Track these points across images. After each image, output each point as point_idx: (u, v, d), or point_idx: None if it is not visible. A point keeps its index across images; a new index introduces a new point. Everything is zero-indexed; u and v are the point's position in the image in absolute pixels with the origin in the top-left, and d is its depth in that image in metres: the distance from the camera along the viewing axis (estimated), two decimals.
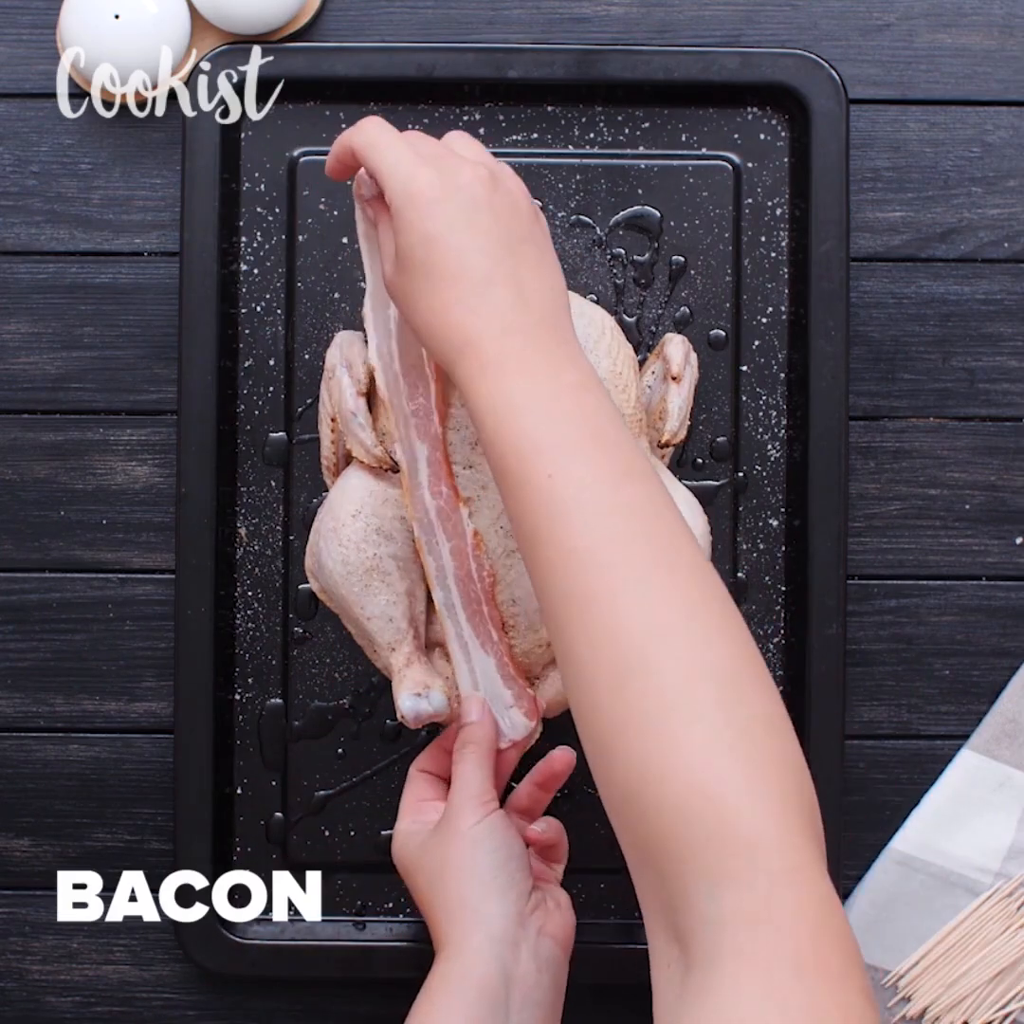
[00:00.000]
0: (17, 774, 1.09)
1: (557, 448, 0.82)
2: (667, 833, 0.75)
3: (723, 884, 0.74)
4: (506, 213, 0.88)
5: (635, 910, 1.07)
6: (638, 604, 0.79)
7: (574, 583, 0.80)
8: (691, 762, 0.76)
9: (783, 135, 1.07)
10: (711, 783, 0.75)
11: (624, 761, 0.77)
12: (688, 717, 0.76)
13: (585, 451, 0.82)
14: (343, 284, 1.07)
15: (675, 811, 0.75)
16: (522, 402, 0.83)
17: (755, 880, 0.73)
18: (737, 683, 0.78)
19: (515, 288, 0.86)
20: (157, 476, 1.09)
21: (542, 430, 0.83)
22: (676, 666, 0.78)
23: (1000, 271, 1.09)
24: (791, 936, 0.72)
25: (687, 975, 0.74)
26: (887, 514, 1.09)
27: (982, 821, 1.08)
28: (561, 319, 0.88)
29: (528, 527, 0.82)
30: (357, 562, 0.97)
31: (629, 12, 1.09)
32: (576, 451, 0.82)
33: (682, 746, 0.76)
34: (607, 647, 0.78)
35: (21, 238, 1.09)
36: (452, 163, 0.88)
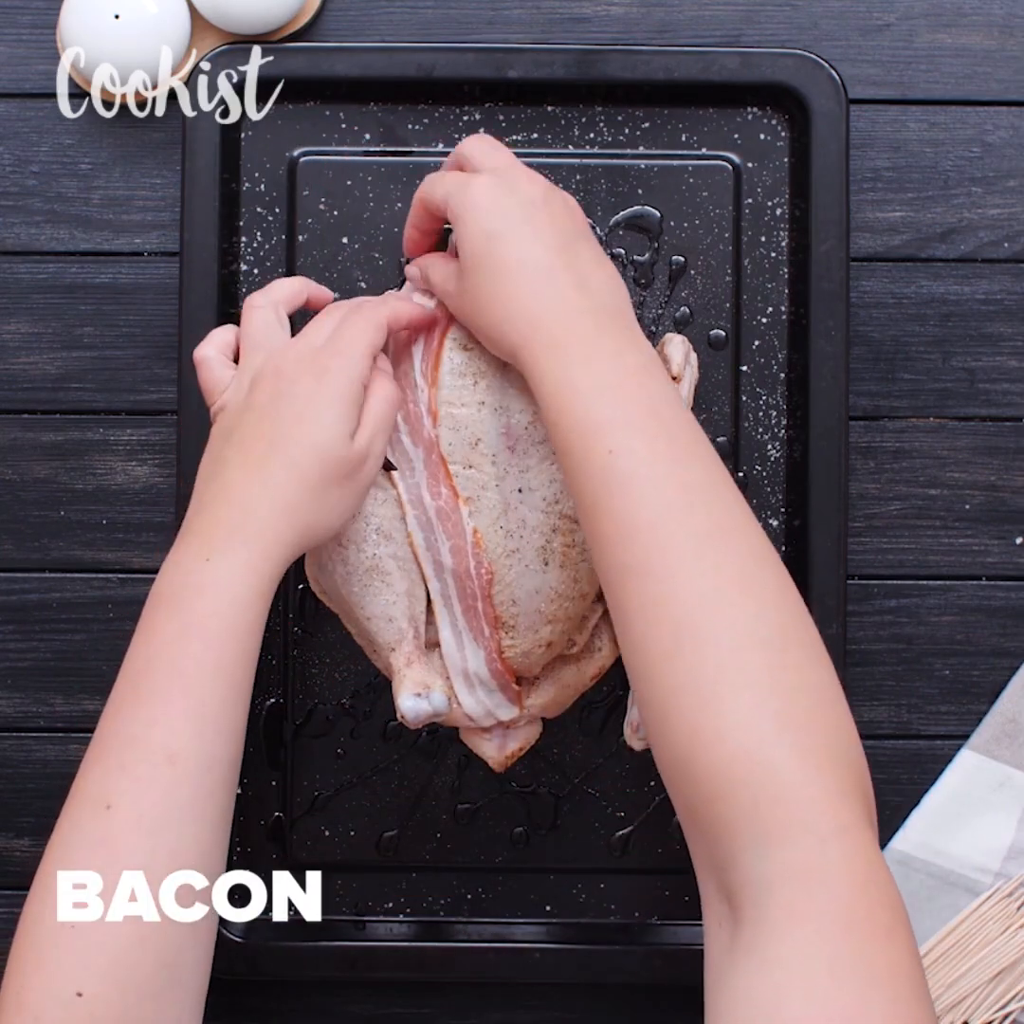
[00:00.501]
0: (17, 774, 1.09)
1: (618, 426, 0.85)
2: (717, 795, 0.77)
3: (772, 843, 0.75)
4: (561, 213, 0.92)
5: (635, 910, 1.07)
6: (693, 575, 0.81)
7: (632, 556, 0.83)
8: (739, 726, 0.78)
9: (783, 135, 1.07)
10: (758, 746, 0.77)
11: (677, 726, 0.80)
12: (737, 684, 0.79)
13: (646, 429, 0.85)
14: (343, 284, 1.07)
15: (724, 774, 0.77)
16: (586, 383, 0.86)
17: (803, 839, 0.75)
18: (786, 651, 0.81)
19: (576, 275, 0.90)
20: (157, 476, 1.09)
21: (604, 409, 0.86)
22: (728, 635, 0.80)
23: (1000, 271, 1.09)
24: (839, 893, 0.74)
25: (737, 932, 0.76)
26: (887, 514, 1.09)
27: (982, 821, 1.08)
28: (622, 306, 0.91)
29: (589, 501, 0.85)
30: (357, 562, 0.97)
31: (629, 12, 1.09)
32: (637, 429, 0.85)
33: (730, 711, 0.78)
34: (662, 617, 0.81)
35: (21, 238, 1.09)
36: (507, 170, 0.93)
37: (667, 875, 1.07)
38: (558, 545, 0.96)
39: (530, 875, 1.07)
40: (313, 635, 1.08)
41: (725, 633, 0.80)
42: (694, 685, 0.79)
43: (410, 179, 1.07)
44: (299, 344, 0.92)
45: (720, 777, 0.77)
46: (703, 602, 0.81)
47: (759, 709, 0.78)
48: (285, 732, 1.08)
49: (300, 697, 1.07)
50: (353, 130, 1.07)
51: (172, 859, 0.83)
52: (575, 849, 1.07)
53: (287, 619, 1.07)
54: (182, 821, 0.83)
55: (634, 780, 1.07)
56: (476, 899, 1.07)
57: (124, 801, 0.83)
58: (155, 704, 0.85)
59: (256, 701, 1.07)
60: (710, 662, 0.80)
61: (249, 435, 0.90)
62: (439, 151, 1.07)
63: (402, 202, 1.07)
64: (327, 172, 1.07)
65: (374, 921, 1.08)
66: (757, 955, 0.74)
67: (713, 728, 0.78)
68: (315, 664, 1.08)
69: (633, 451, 0.84)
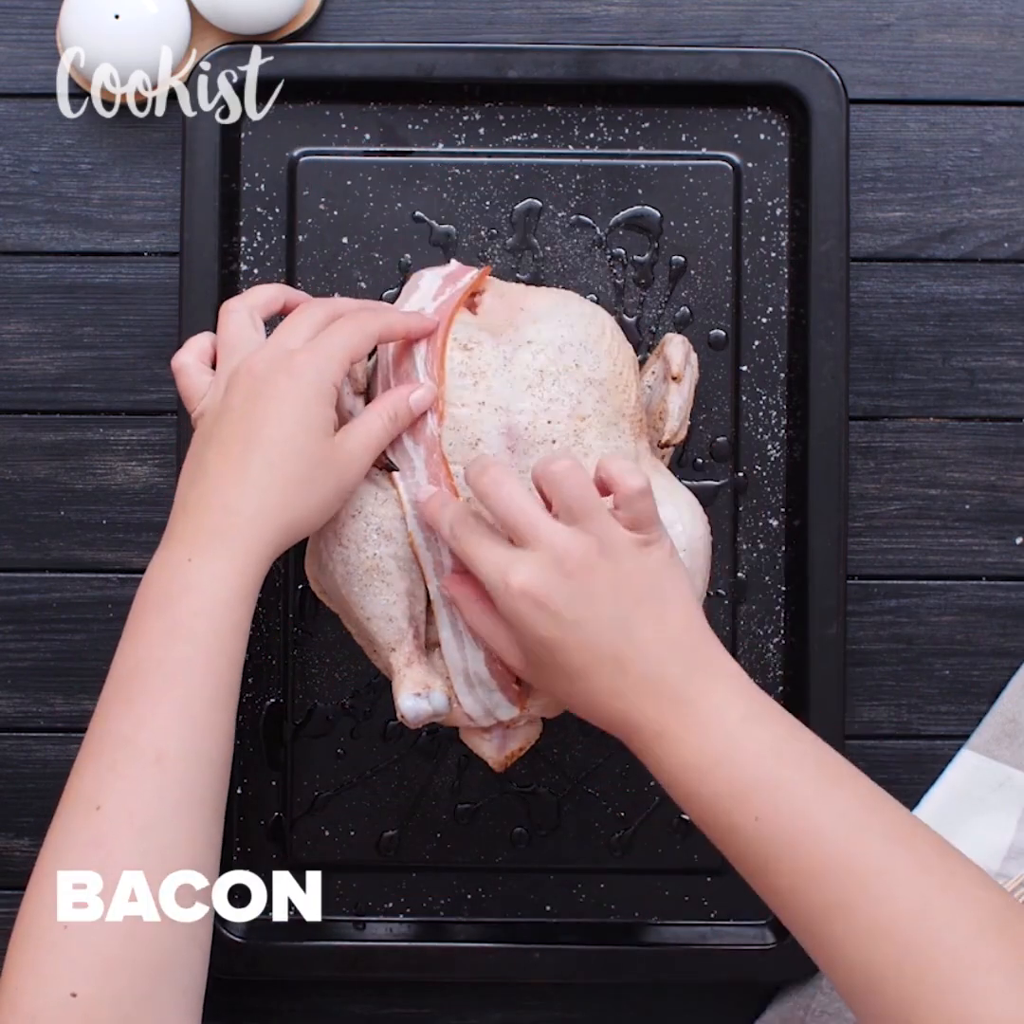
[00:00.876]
0: (17, 774, 1.09)
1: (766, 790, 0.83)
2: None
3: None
4: (617, 577, 0.86)
5: (635, 910, 1.07)
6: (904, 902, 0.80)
7: (829, 896, 0.81)
8: (1004, 1007, 0.77)
9: (783, 135, 1.07)
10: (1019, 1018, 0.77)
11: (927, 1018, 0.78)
12: (982, 968, 0.78)
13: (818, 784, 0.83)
14: (343, 284, 1.07)
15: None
16: (702, 762, 0.84)
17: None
18: (1011, 924, 0.79)
19: (637, 648, 0.86)
20: (157, 476, 1.09)
21: (735, 779, 0.83)
22: (952, 930, 0.79)
23: (1000, 271, 1.09)
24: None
25: None
26: (887, 514, 1.09)
27: (982, 821, 1.08)
28: (699, 643, 0.87)
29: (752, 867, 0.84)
30: (357, 562, 0.97)
31: (629, 12, 1.09)
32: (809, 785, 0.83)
33: (986, 997, 0.77)
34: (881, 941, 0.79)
35: (21, 238, 1.09)
36: (551, 548, 0.86)
37: (667, 875, 1.07)
38: None
39: (530, 875, 1.07)
40: (313, 635, 1.08)
41: (949, 931, 0.79)
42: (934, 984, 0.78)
43: (410, 179, 1.07)
44: (271, 344, 0.92)
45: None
46: (919, 919, 0.79)
47: (1013, 986, 0.77)
48: (285, 732, 1.08)
49: (300, 697, 1.07)
50: (353, 130, 1.07)
51: (166, 859, 0.83)
52: (575, 849, 1.07)
53: (287, 619, 1.07)
54: (174, 821, 0.83)
55: (634, 780, 1.07)
56: (476, 899, 1.07)
57: (114, 801, 0.83)
58: (144, 705, 0.85)
59: (256, 701, 1.07)
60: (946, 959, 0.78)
61: (227, 436, 0.90)
62: (439, 151, 1.07)
63: (402, 202, 1.07)
64: (327, 172, 1.07)
65: (374, 921, 1.08)
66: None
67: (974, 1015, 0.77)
68: (315, 664, 1.08)
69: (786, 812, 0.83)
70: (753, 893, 1.08)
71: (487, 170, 1.07)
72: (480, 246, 1.07)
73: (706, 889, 1.07)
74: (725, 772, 0.84)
